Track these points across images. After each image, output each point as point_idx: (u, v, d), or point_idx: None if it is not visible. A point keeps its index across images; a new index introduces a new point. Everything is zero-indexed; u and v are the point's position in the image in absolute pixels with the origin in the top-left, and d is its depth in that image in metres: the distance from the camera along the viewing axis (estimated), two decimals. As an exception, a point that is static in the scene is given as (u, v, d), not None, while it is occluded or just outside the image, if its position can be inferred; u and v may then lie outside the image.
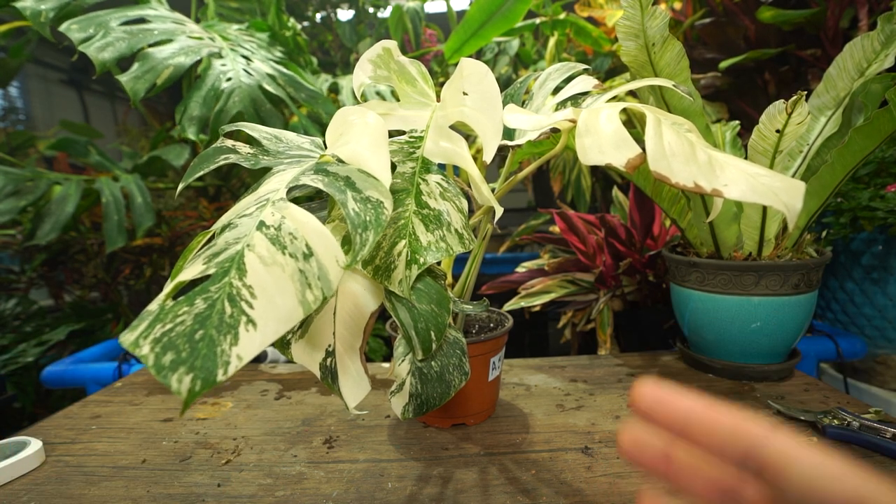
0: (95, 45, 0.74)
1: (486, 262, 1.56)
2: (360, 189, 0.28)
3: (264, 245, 0.25)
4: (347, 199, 0.27)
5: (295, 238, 0.25)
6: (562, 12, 1.43)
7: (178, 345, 0.20)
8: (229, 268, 0.23)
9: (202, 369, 0.20)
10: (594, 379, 0.63)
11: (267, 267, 0.24)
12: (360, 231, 0.26)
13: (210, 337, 0.21)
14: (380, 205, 0.27)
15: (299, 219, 0.26)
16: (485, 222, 0.47)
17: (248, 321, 0.22)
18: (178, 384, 0.20)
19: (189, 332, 0.21)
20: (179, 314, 0.21)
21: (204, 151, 0.37)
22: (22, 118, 2.61)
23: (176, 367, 0.20)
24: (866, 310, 0.86)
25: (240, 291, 0.23)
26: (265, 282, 0.23)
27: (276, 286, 0.23)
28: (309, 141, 0.41)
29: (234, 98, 0.85)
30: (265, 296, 0.23)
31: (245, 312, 0.22)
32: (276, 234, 0.25)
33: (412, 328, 0.37)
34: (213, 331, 0.21)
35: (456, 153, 0.38)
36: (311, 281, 0.24)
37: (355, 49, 1.70)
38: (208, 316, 0.21)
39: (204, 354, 0.20)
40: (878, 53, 0.53)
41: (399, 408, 0.40)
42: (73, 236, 1.33)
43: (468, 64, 0.38)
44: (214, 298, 0.22)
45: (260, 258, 0.24)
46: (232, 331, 0.21)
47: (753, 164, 0.28)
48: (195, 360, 0.20)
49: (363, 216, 0.26)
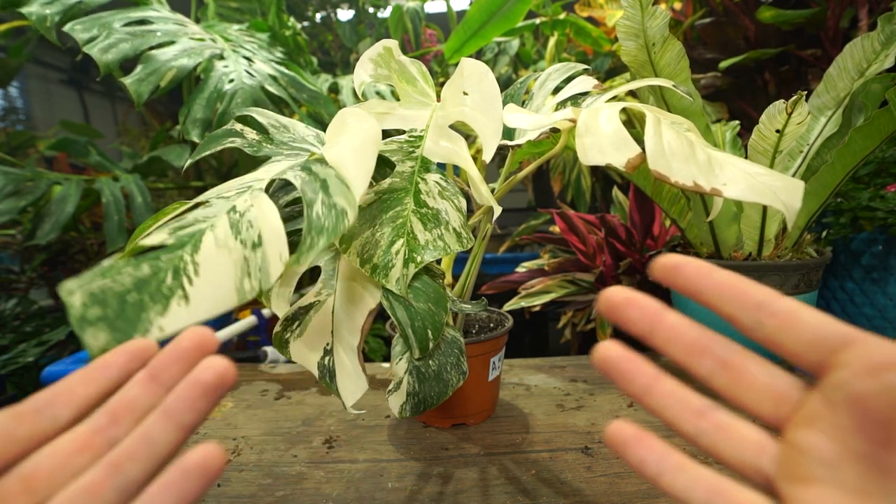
0: (99, 47, 0.74)
1: (486, 262, 1.56)
2: (331, 194, 0.28)
3: (224, 228, 0.25)
4: (317, 200, 0.27)
5: (251, 226, 0.25)
6: (562, 12, 1.43)
7: (108, 301, 0.21)
8: (186, 242, 0.24)
9: (121, 330, 0.20)
10: (594, 379, 0.63)
11: (218, 248, 0.24)
12: (315, 234, 0.26)
13: (141, 302, 0.21)
14: (343, 213, 0.27)
15: (264, 210, 0.26)
16: (484, 222, 0.47)
17: (182, 296, 0.22)
18: (93, 340, 0.20)
19: (123, 291, 0.21)
20: (121, 273, 0.22)
21: (213, 132, 0.38)
22: (22, 118, 2.61)
23: (96, 321, 0.20)
24: (866, 310, 0.86)
25: (186, 266, 0.23)
26: (211, 262, 0.23)
27: (220, 268, 0.23)
28: (314, 134, 0.41)
29: (237, 99, 0.86)
30: (207, 275, 0.23)
31: (183, 287, 0.22)
32: (238, 219, 0.26)
33: (409, 326, 0.37)
34: (147, 297, 0.21)
35: (455, 153, 0.38)
36: (252, 271, 0.24)
37: (355, 49, 1.70)
38: (147, 282, 0.22)
39: (128, 317, 0.21)
40: (878, 53, 0.53)
41: (396, 406, 0.40)
42: (73, 236, 1.33)
43: (468, 64, 0.38)
44: (161, 267, 0.22)
45: (216, 239, 0.24)
46: (164, 301, 0.21)
47: (753, 164, 0.28)
48: (118, 319, 0.20)
49: (322, 221, 0.26)
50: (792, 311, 0.18)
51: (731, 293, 0.19)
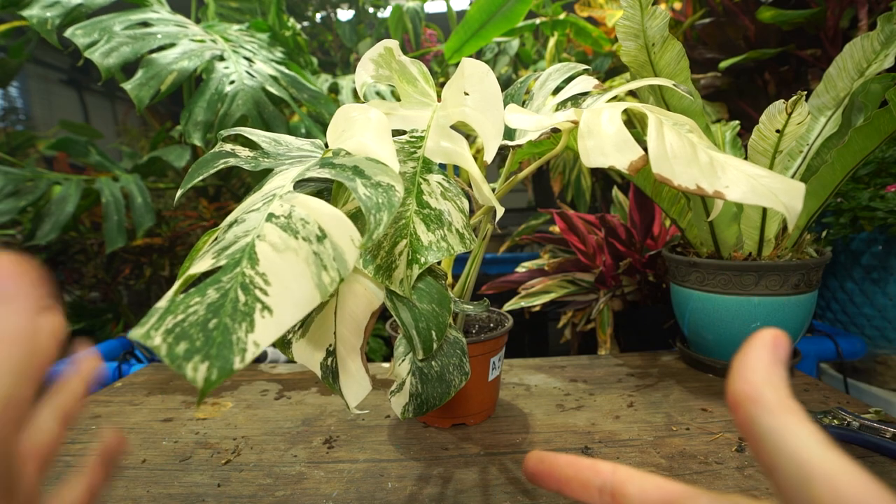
0: (100, 51, 0.74)
1: (486, 262, 1.56)
2: (370, 175, 0.28)
3: (276, 233, 0.24)
4: (357, 185, 0.27)
5: (307, 223, 0.25)
6: (562, 12, 1.43)
7: (191, 334, 0.20)
8: (240, 258, 0.23)
9: (218, 357, 0.19)
10: (594, 379, 0.63)
11: (280, 253, 0.23)
12: (374, 212, 0.25)
13: (224, 325, 0.20)
14: (391, 188, 0.27)
15: (310, 205, 0.26)
16: (485, 222, 0.47)
17: (263, 308, 0.21)
18: (193, 373, 0.19)
19: (202, 321, 0.20)
20: (191, 305, 0.21)
21: (202, 157, 0.36)
22: (22, 118, 2.61)
23: (191, 355, 0.19)
24: (866, 310, 0.86)
25: (253, 279, 0.22)
26: (279, 268, 0.23)
27: (291, 271, 0.23)
28: (309, 143, 0.41)
29: (238, 101, 0.85)
30: (279, 282, 0.22)
31: (259, 299, 0.22)
32: (287, 221, 0.25)
33: (413, 328, 0.37)
34: (228, 319, 0.21)
35: (457, 153, 0.38)
36: (327, 262, 0.23)
37: (355, 49, 1.70)
38: (221, 305, 0.21)
39: (219, 342, 0.20)
40: (878, 53, 0.54)
41: (399, 407, 0.40)
42: (73, 236, 1.33)
43: (469, 64, 0.38)
44: (227, 288, 0.22)
45: (272, 245, 0.24)
46: (247, 318, 0.21)
47: (754, 165, 0.28)
48: (210, 348, 0.20)
49: (375, 199, 0.26)
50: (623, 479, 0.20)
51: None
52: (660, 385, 0.61)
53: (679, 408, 0.54)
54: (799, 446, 0.15)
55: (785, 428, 0.16)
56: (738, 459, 0.44)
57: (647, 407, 0.55)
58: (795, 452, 0.15)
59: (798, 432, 0.16)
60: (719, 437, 0.48)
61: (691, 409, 0.54)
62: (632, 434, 0.49)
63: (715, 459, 0.44)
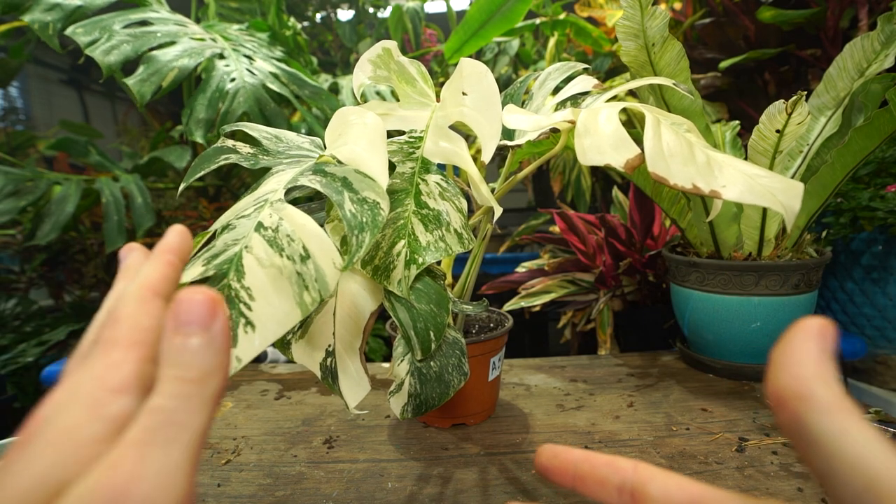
0: (101, 49, 0.74)
1: (486, 262, 1.56)
2: (357, 190, 0.28)
3: (262, 247, 0.25)
4: (344, 199, 0.27)
5: (292, 240, 0.25)
6: (562, 12, 1.43)
7: None
8: (228, 269, 0.23)
9: None
10: (594, 379, 0.63)
11: (265, 269, 0.24)
12: (357, 233, 0.26)
13: None
14: (376, 206, 0.27)
15: (297, 221, 0.26)
16: (484, 222, 0.47)
17: (246, 323, 0.22)
18: None
19: None
20: None
21: (205, 152, 0.37)
22: (22, 118, 2.61)
23: None
24: (866, 310, 0.86)
25: (238, 293, 0.23)
26: (263, 284, 0.23)
27: (274, 288, 0.23)
28: (309, 141, 0.41)
29: (239, 98, 0.85)
30: (263, 298, 0.23)
31: (243, 314, 0.22)
32: (274, 235, 0.25)
33: (411, 328, 0.37)
34: None
35: (455, 153, 0.38)
36: (309, 283, 0.24)
37: (355, 49, 1.70)
38: None
39: None
40: (878, 53, 0.53)
41: (398, 408, 0.40)
42: (73, 236, 1.33)
43: (468, 64, 0.38)
44: None
45: (258, 260, 0.24)
46: (231, 333, 0.21)
47: (752, 165, 0.28)
48: None
49: (359, 217, 0.26)
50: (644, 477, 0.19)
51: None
52: (660, 385, 0.61)
53: (679, 408, 0.54)
54: (861, 451, 0.14)
55: (844, 430, 0.14)
56: (738, 459, 0.44)
57: (647, 407, 0.55)
58: (857, 458, 0.14)
59: (858, 436, 0.14)
60: (719, 437, 0.48)
61: (691, 409, 0.54)
62: (632, 434, 0.49)
63: (715, 459, 0.44)
